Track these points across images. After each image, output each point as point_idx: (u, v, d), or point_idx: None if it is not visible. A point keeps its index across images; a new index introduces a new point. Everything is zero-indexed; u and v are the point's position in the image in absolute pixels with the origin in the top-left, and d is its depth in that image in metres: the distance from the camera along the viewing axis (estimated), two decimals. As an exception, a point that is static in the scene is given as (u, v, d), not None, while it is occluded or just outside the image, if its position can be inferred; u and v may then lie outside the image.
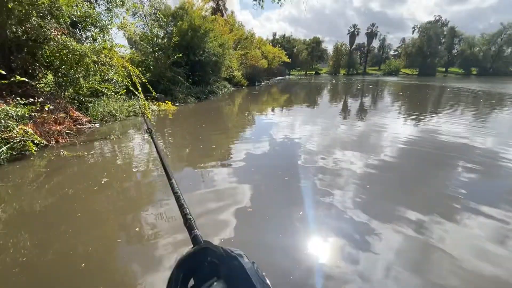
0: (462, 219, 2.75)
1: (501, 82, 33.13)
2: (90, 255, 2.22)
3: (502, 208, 2.93)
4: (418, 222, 2.65)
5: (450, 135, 6.18)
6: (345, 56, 78.83)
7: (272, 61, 34.84)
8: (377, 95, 17.91)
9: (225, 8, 32.98)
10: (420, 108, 11.36)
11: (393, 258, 2.17)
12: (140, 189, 3.61)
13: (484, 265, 2.11)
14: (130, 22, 9.19)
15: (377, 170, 4.07)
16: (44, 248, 2.31)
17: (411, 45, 70.96)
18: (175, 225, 2.56)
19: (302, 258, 2.19)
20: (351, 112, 10.49)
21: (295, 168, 4.19)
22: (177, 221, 2.64)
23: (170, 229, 2.53)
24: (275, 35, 76.55)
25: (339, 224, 2.64)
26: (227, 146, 5.48)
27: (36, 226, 2.64)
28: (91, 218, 2.80)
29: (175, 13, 13.81)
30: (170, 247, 2.28)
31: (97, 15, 7.37)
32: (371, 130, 6.98)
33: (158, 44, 13.25)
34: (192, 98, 12.55)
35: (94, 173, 4.04)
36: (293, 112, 10.59)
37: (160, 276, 1.98)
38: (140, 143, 5.70)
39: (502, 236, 2.49)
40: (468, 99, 15.01)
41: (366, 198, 3.19)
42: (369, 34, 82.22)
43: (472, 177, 3.88)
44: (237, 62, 20.89)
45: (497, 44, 63.84)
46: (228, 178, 3.81)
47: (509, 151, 5.03)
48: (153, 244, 2.34)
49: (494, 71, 63.12)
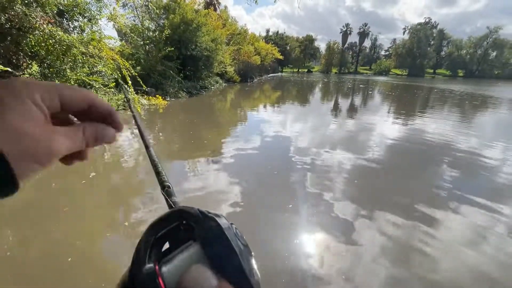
0: (444, 208, 2.87)
1: (486, 84, 34.30)
2: (77, 249, 2.19)
3: (483, 201, 3.08)
4: (403, 212, 2.75)
5: (435, 134, 6.37)
6: (337, 55, 79.53)
7: (265, 57, 34.74)
8: (367, 95, 18.19)
9: (218, 3, 32.56)
10: (408, 108, 11.64)
11: (378, 250, 2.25)
12: (128, 183, 3.56)
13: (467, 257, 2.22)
14: (120, 14, 8.95)
15: (365, 165, 4.18)
16: (30, 243, 2.26)
17: (402, 46, 72.35)
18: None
19: (291, 248, 2.23)
20: (341, 111, 10.63)
21: (286, 163, 4.24)
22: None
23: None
24: (268, 31, 76.35)
25: (327, 215, 2.70)
26: (219, 142, 5.47)
27: (22, 222, 2.58)
28: (79, 212, 2.75)
29: (167, 6, 13.52)
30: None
31: (86, 4, 7.14)
32: (360, 128, 7.11)
33: (149, 37, 12.97)
34: (184, 93, 12.39)
35: (81, 168, 3.95)
36: (285, 109, 10.64)
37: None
38: (129, 138, 5.61)
39: (482, 228, 2.62)
40: (454, 100, 15.46)
41: (353, 191, 3.28)
42: (361, 34, 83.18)
43: (453, 173, 4.03)
44: (229, 58, 20.72)
45: (483, 48, 65.90)
46: (219, 173, 3.81)
47: (489, 149, 5.26)
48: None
49: (479, 73, 65.28)
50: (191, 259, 0.26)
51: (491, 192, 3.48)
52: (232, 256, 0.26)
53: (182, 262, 0.26)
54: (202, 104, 11.31)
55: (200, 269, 0.25)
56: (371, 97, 16.69)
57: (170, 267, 0.25)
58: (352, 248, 2.30)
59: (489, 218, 2.85)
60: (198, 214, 0.29)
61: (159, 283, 0.24)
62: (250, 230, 2.52)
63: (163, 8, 13.49)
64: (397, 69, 74.57)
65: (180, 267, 0.25)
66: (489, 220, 2.80)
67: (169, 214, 0.31)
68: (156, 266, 0.25)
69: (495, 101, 15.30)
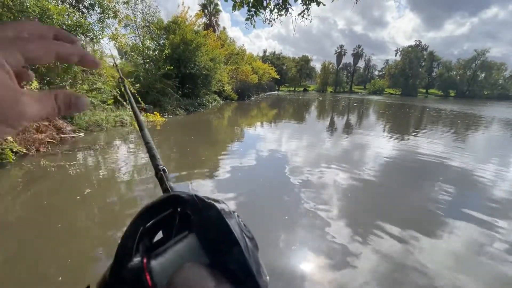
0: (436, 226, 2.86)
1: (476, 104, 35.27)
2: (68, 269, 2.12)
3: (477, 217, 3.08)
4: (397, 228, 2.73)
5: (428, 152, 6.46)
6: (332, 75, 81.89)
7: (262, 76, 35.61)
8: (362, 113, 18.55)
9: (218, 24, 33.84)
10: (401, 127, 11.86)
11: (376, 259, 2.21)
12: (124, 201, 3.51)
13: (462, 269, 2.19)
14: (121, 33, 9.26)
15: (358, 182, 4.20)
16: (18, 262, 2.18)
17: (394, 66, 75.00)
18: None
19: (287, 254, 2.19)
20: (336, 129, 10.78)
21: (281, 179, 4.25)
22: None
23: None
24: (265, 52, 78.95)
25: (321, 229, 2.67)
26: (216, 159, 5.47)
27: (9, 239, 2.50)
28: (71, 230, 2.69)
29: (167, 27, 14.01)
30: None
31: (89, 25, 7.38)
32: (354, 146, 7.19)
33: (149, 56, 13.30)
34: (181, 110, 12.53)
35: (77, 184, 3.91)
36: (281, 127, 10.76)
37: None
38: (126, 154, 5.60)
39: (478, 243, 2.60)
40: (446, 120, 15.82)
41: (347, 206, 3.27)
42: (355, 55, 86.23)
43: (448, 189, 4.05)
44: (227, 76, 21.19)
45: (472, 69, 68.56)
46: (216, 189, 3.79)
47: (483, 168, 5.33)
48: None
49: (470, 93, 67.45)
50: (185, 253, 0.22)
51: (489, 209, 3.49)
52: (235, 251, 0.22)
53: (175, 256, 0.22)
54: (200, 121, 11.41)
55: (195, 267, 0.21)
56: (366, 116, 17.01)
57: (161, 261, 0.22)
58: (345, 268, 2.26)
59: (484, 235, 2.84)
60: (194, 200, 0.25)
61: (146, 280, 0.20)
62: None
63: (164, 28, 13.96)
64: (390, 88, 76.72)
65: (172, 262, 0.22)
66: (484, 237, 2.79)
67: (162, 199, 0.26)
68: (144, 260, 0.21)
69: (485, 121, 15.70)
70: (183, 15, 14.62)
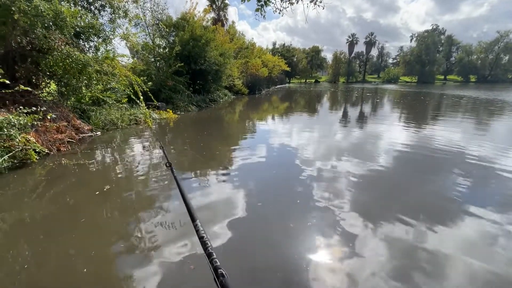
0: (452, 218, 2.75)
1: (501, 89, 33.30)
2: (92, 261, 2.21)
3: (492, 211, 2.94)
4: (410, 222, 2.65)
5: (446, 142, 6.19)
6: (344, 65, 79.65)
7: (272, 69, 35.21)
8: (376, 103, 18.01)
9: (226, 19, 33.62)
10: (418, 116, 11.43)
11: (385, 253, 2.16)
12: (140, 196, 3.61)
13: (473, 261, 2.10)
14: (132, 33, 9.37)
15: (373, 174, 4.09)
16: (46, 255, 2.30)
17: (410, 53, 71.77)
18: (176, 233, 2.57)
19: (299, 251, 2.18)
20: (349, 120, 10.54)
21: (296, 171, 4.21)
22: (177, 230, 2.65)
23: (171, 237, 2.53)
24: (275, 44, 77.61)
25: (334, 223, 2.64)
26: (229, 153, 5.50)
27: (37, 234, 2.64)
28: (93, 224, 2.80)
29: (176, 24, 14.06)
30: (171, 255, 2.27)
31: (100, 25, 7.51)
32: (368, 137, 7.02)
33: (160, 54, 13.45)
34: (193, 106, 12.66)
35: (96, 181, 4.05)
36: (293, 120, 10.64)
37: (159, 282, 1.97)
38: (141, 152, 5.73)
39: (493, 236, 2.49)
40: (467, 106, 15.08)
41: (362, 199, 3.21)
42: (368, 43, 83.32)
43: (465, 182, 3.88)
44: (237, 71, 21.14)
45: (495, 52, 64.59)
46: (232, 180, 3.83)
47: (502, 158, 5.05)
48: (153, 251, 2.33)
49: (492, 78, 63.68)
50: None
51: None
52: None
53: None
54: (212, 116, 11.48)
55: None
56: (380, 106, 16.50)
57: None
58: (354, 257, 2.22)
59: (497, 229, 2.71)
60: None
61: None
62: (263, 236, 2.49)
63: (173, 25, 14.02)
64: (406, 76, 73.78)
65: None
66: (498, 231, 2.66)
67: None
68: None
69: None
70: (191, 11, 14.62)
